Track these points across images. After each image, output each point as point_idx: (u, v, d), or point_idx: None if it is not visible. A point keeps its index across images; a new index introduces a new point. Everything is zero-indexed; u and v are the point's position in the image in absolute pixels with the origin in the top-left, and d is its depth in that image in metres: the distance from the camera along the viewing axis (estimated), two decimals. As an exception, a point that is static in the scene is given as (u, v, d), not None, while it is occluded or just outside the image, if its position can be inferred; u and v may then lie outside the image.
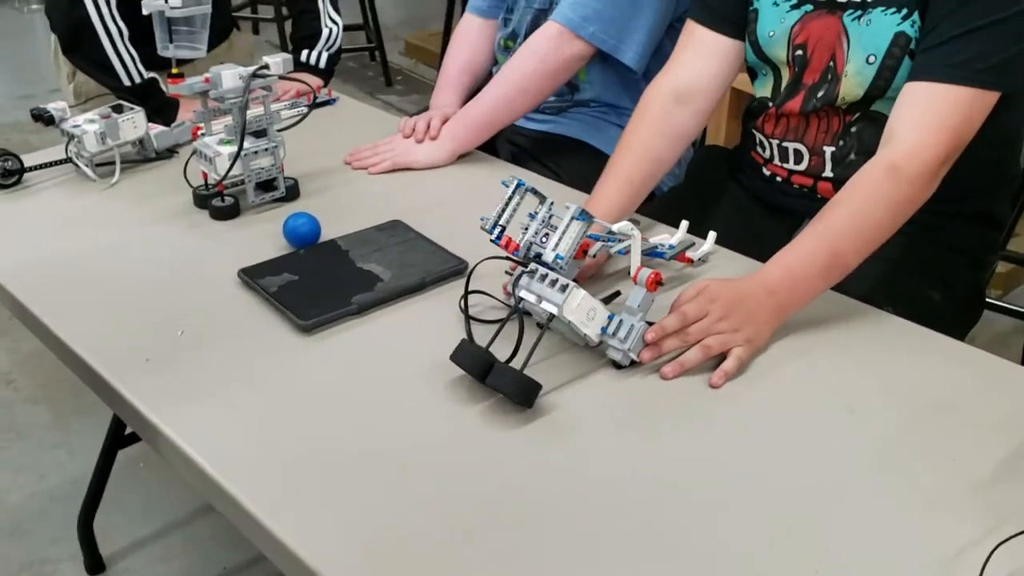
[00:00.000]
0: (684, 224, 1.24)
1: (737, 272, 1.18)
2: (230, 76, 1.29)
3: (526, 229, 1.06)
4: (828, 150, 1.32)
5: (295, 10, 1.95)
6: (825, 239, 1.09)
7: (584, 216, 1.02)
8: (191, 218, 1.35)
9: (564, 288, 0.99)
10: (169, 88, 1.35)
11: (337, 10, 1.93)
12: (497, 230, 1.07)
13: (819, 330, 1.10)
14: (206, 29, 1.48)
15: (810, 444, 0.93)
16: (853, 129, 1.29)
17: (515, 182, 1.08)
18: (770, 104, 1.36)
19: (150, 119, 1.50)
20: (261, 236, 1.29)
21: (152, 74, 1.72)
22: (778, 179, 1.40)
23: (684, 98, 1.33)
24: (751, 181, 1.46)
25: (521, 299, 1.01)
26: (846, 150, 1.31)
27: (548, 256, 1.02)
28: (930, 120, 1.11)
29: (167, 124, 1.55)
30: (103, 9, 1.66)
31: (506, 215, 1.08)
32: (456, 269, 1.19)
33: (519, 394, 0.95)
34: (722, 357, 1.03)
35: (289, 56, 1.35)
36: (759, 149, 1.41)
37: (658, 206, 1.52)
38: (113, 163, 1.45)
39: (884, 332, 1.10)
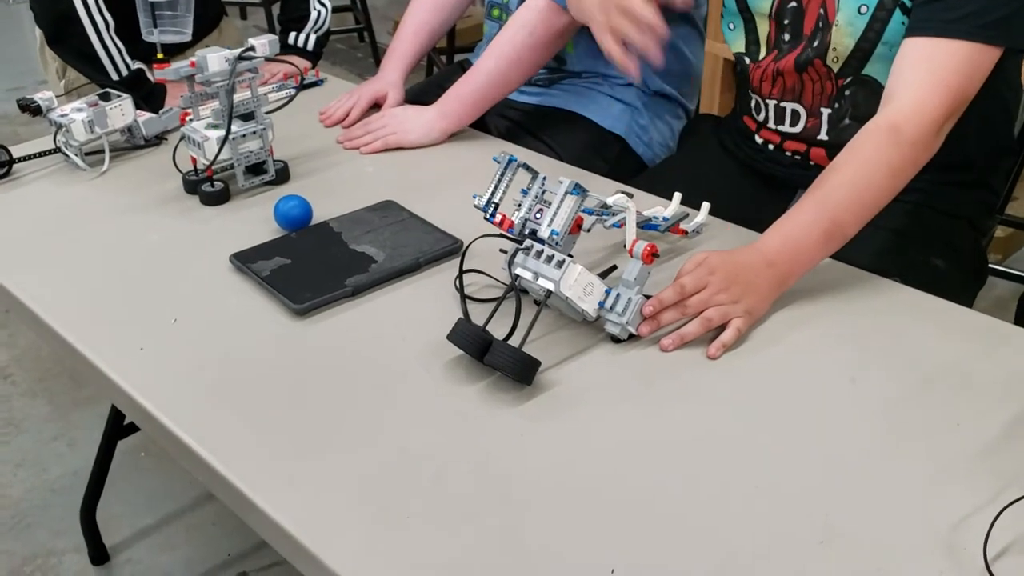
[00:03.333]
0: (677, 196, 1.23)
1: (733, 243, 1.17)
2: (216, 59, 1.27)
3: (519, 205, 1.05)
4: (825, 112, 1.30)
5: None
6: (824, 207, 1.07)
7: (578, 190, 1.01)
8: (181, 204, 1.34)
9: (560, 264, 0.98)
10: (155, 73, 1.34)
11: None
12: (491, 208, 1.07)
13: (818, 299, 1.09)
14: (190, 12, 1.46)
15: (812, 414, 0.92)
16: (847, 92, 1.27)
17: (506, 158, 1.07)
18: (747, 60, 1.33)
19: (139, 107, 1.48)
20: (252, 220, 1.28)
21: (138, 64, 1.71)
22: (770, 146, 1.38)
23: None
24: (740, 150, 1.45)
25: (517, 276, 1.00)
26: (842, 112, 1.29)
27: (543, 232, 1.01)
28: (931, 78, 1.09)
29: (155, 111, 1.53)
30: (89, 1, 1.64)
31: (499, 192, 1.07)
32: (451, 248, 1.18)
33: (518, 371, 0.94)
34: (721, 329, 1.02)
35: (275, 37, 1.33)
36: (754, 112, 1.39)
37: (650, 177, 1.51)
38: (102, 151, 1.44)
39: (884, 299, 1.09)
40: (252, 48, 1.31)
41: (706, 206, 1.23)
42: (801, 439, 0.89)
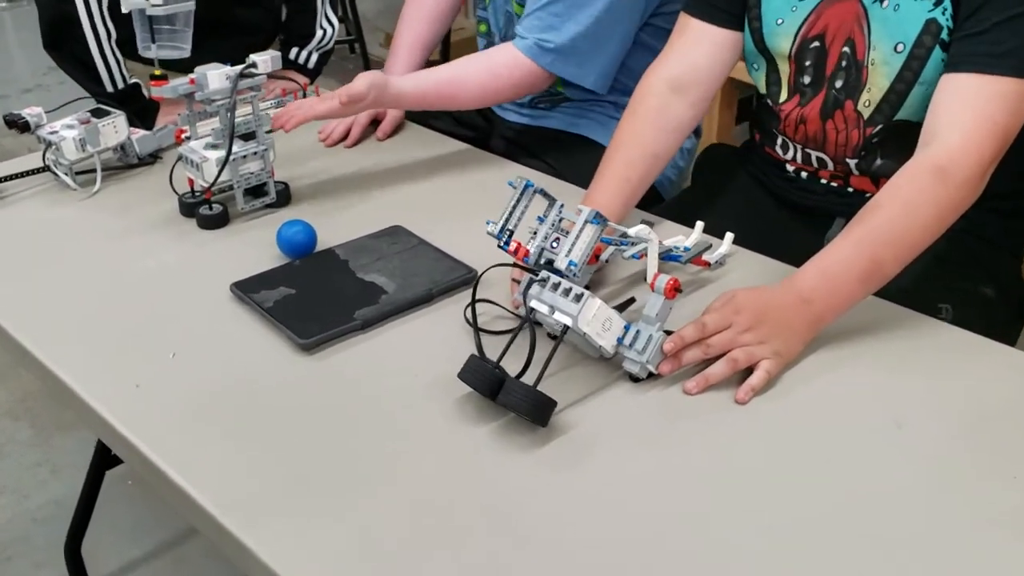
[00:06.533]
0: (699, 225, 1.18)
1: (760, 274, 1.12)
2: (216, 76, 1.22)
3: (534, 233, 1.00)
4: (851, 162, 1.25)
5: (292, 8, 1.88)
6: (864, 245, 1.02)
7: (598, 220, 0.96)
8: (178, 227, 1.28)
9: (579, 297, 0.92)
10: (152, 91, 1.28)
11: (335, 11, 1.87)
12: (505, 235, 1.02)
13: (855, 338, 1.03)
14: (190, 28, 1.41)
15: (853, 464, 0.87)
16: (875, 141, 1.22)
17: (523, 183, 1.02)
18: (769, 103, 1.29)
19: (130, 124, 1.43)
20: (253, 245, 1.23)
21: (134, 79, 1.66)
22: (803, 175, 1.33)
23: (681, 89, 1.27)
24: (769, 179, 1.39)
25: (532, 309, 0.95)
26: (870, 160, 1.24)
27: (561, 263, 0.96)
28: (976, 115, 1.04)
29: (147, 128, 1.48)
30: (93, 8, 1.59)
31: (514, 219, 1.02)
32: (465, 278, 1.13)
33: (532, 412, 0.89)
34: (749, 371, 0.97)
35: (277, 54, 1.28)
36: (780, 151, 1.34)
37: (667, 210, 1.46)
38: (94, 171, 1.38)
39: (927, 338, 1.04)
40: (254, 65, 1.26)
41: (729, 236, 1.18)
42: (840, 492, 0.83)
